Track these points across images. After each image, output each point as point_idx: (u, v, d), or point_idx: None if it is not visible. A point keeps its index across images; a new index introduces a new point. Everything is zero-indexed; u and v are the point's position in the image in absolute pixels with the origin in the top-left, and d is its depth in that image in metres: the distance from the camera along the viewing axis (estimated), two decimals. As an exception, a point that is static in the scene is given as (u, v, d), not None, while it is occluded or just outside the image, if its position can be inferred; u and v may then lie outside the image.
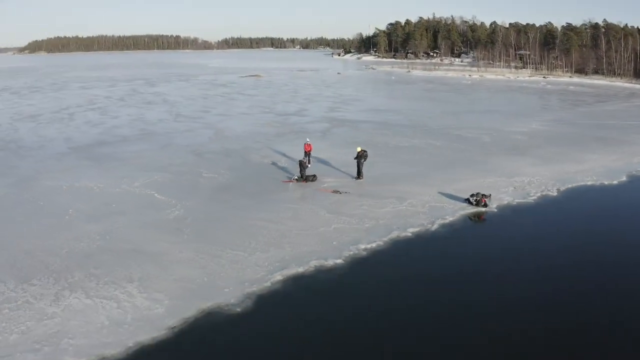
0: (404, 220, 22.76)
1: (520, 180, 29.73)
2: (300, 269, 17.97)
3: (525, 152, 37.58)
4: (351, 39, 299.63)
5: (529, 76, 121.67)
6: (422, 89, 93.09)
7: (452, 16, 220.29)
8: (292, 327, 14.85)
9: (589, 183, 29.95)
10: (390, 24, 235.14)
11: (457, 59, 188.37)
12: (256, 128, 47.70)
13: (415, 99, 74.76)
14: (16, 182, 30.10)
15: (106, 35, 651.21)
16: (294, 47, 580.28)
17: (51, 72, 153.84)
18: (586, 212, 25.56)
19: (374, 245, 20.08)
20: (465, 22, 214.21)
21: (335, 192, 27.08)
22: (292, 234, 21.24)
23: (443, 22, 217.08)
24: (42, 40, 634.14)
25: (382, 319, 15.22)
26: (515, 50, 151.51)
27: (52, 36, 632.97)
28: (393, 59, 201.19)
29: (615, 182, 30.40)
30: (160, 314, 15.11)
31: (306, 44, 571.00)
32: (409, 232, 21.53)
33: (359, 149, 29.94)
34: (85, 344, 13.70)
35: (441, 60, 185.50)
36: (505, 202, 26.00)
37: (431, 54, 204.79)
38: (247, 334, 14.44)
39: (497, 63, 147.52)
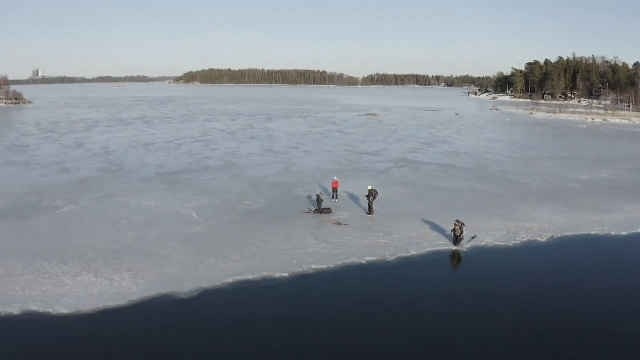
0: (371, 251, 28.03)
1: (522, 226, 33.01)
2: (251, 277, 24.26)
3: (559, 199, 40.22)
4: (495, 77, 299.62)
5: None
6: (527, 132, 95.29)
7: (592, 56, 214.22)
8: (212, 313, 21.22)
9: (592, 233, 32.40)
10: (529, 64, 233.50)
11: (595, 101, 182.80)
12: (324, 165, 54.36)
13: (507, 143, 77.02)
14: (100, 197, 39.45)
15: (256, 69, 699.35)
16: (439, 84, 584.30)
17: (189, 104, 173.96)
18: (552, 260, 27.96)
19: (324, 267, 25.74)
20: (607, 62, 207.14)
21: (337, 224, 32.91)
22: (270, 252, 27.55)
23: (583, 62, 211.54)
24: (197, 71, 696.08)
25: (282, 325, 20.82)
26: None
27: (206, 68, 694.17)
28: (529, 100, 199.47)
29: (624, 233, 32.51)
30: (131, 292, 22.27)
31: (451, 82, 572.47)
32: (364, 260, 26.82)
33: (369, 188, 35.53)
34: (74, 303, 21.18)
35: (579, 102, 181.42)
36: (483, 243, 29.99)
37: (569, 95, 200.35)
38: (179, 312, 21.08)
39: (635, 106, 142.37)
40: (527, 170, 52.49)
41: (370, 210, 35.18)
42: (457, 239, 28.92)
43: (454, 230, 28.98)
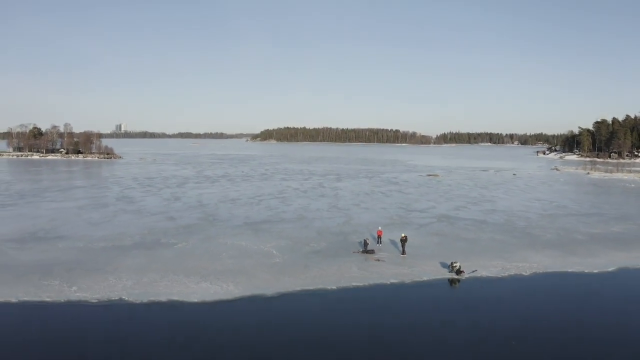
0: (395, 276, 40.31)
1: (515, 265, 44.09)
2: (311, 288, 37.17)
3: (560, 247, 50.81)
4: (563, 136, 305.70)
5: None
6: (571, 192, 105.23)
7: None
8: (285, 306, 34.24)
9: (569, 270, 43.21)
10: (596, 122, 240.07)
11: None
12: (378, 219, 66.68)
13: (544, 202, 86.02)
14: (203, 238, 53.58)
15: (330, 128, 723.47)
16: (512, 143, 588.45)
17: (267, 163, 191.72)
18: (525, 286, 39.27)
19: (360, 284, 38.33)
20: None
21: (377, 260, 45.38)
22: (325, 275, 40.36)
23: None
24: (273, 129, 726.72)
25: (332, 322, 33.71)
26: None
27: (282, 126, 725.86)
28: (596, 159, 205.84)
29: (595, 271, 43.05)
30: (234, 292, 35.65)
31: (524, 140, 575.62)
32: (389, 281, 39.16)
33: (402, 235, 48.01)
34: (200, 296, 34.72)
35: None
36: (479, 275, 41.59)
37: (636, 153, 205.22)
38: (265, 305, 34.21)
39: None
40: (548, 225, 63.11)
41: (403, 252, 47.43)
42: (458, 272, 40.83)
43: (452, 268, 41.11)
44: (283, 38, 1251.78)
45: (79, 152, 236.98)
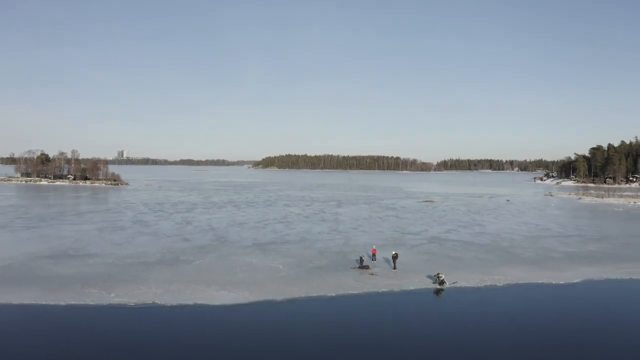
0: (386, 286, 47.06)
1: (492, 277, 50.85)
2: (313, 294, 43.99)
3: (535, 264, 57.59)
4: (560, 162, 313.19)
5: None
6: (560, 216, 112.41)
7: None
8: (291, 307, 41.06)
9: (539, 282, 49.92)
10: (592, 149, 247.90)
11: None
12: (374, 241, 73.30)
13: (531, 225, 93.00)
14: (217, 256, 60.46)
15: (332, 155, 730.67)
16: (512, 169, 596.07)
17: (270, 190, 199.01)
18: (497, 294, 45.96)
19: (355, 292, 45.13)
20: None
21: (371, 274, 52.16)
22: (326, 285, 47.14)
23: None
24: (275, 156, 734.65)
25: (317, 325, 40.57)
26: None
27: (283, 153, 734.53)
28: (591, 184, 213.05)
29: (561, 282, 49.79)
30: (249, 298, 42.45)
31: (524, 166, 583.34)
32: (380, 290, 45.98)
33: (393, 253, 54.91)
34: (221, 300, 41.54)
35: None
36: (459, 285, 48.38)
37: (630, 178, 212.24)
38: (274, 308, 41.02)
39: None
40: (529, 246, 69.93)
41: (394, 267, 54.23)
42: (441, 283, 47.61)
43: (437, 279, 47.88)
44: (285, 66, 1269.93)
45: (86, 178, 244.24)
